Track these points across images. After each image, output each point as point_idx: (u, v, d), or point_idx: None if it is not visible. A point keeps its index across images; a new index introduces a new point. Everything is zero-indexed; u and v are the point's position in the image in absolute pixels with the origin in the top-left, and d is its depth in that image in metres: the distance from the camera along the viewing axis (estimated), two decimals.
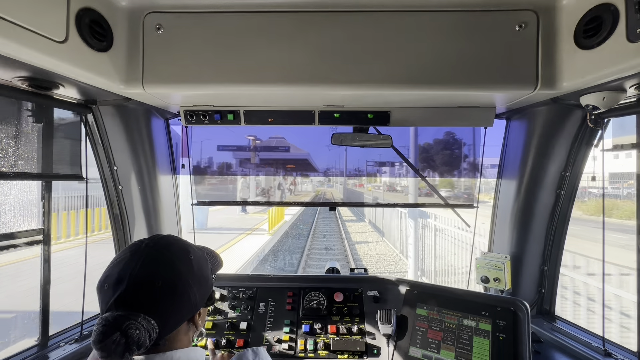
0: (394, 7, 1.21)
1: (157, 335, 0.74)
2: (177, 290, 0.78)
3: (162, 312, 0.75)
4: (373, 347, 1.49)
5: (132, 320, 0.69)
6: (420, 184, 7.17)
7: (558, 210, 1.62)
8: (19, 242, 1.33)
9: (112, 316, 0.70)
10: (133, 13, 1.24)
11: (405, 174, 16.77)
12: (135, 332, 0.69)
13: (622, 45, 0.96)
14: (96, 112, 1.51)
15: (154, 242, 0.83)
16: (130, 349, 0.69)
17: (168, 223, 1.83)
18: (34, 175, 1.33)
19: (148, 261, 0.78)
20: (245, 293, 1.68)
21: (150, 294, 0.75)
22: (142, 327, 0.70)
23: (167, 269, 0.79)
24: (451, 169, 8.02)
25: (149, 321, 0.72)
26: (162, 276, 0.77)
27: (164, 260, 0.80)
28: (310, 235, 14.48)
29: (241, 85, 1.27)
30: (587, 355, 1.36)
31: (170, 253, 0.82)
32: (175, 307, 0.78)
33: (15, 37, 0.87)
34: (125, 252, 0.81)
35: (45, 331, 1.41)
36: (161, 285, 0.76)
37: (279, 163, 16.22)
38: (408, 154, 6.61)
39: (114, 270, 0.77)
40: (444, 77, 1.23)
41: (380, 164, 17.07)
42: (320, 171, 21.34)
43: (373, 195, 22.20)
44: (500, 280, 1.57)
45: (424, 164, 8.00)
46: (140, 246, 0.81)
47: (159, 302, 0.75)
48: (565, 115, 1.44)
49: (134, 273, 0.75)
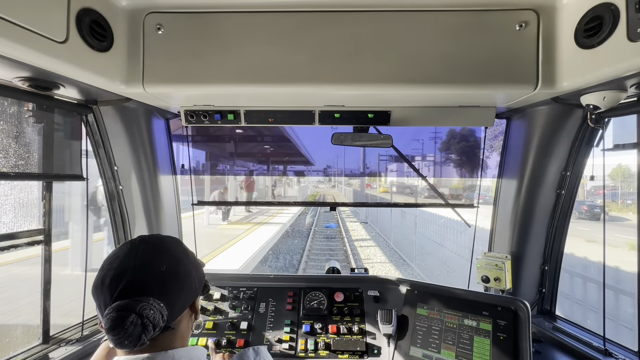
0: (394, 7, 1.21)
1: (166, 318, 0.76)
2: (180, 274, 0.82)
3: (169, 295, 0.78)
4: (374, 347, 1.49)
5: (144, 302, 0.72)
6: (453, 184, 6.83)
7: (558, 210, 1.61)
8: (20, 242, 1.33)
9: (123, 302, 0.71)
10: (133, 13, 1.24)
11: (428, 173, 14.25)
12: (150, 312, 0.71)
13: (623, 45, 0.96)
14: (96, 112, 1.51)
15: (147, 237, 0.86)
16: (146, 329, 0.71)
17: (168, 223, 1.83)
18: (34, 175, 1.33)
19: (148, 250, 0.81)
20: (246, 293, 1.68)
21: (157, 278, 0.77)
22: (155, 308, 0.73)
23: (168, 256, 0.82)
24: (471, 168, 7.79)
25: (158, 303, 0.74)
26: (165, 261, 0.80)
27: (163, 249, 0.83)
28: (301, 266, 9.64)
29: (241, 85, 1.27)
30: (588, 354, 1.36)
31: (165, 243, 0.86)
32: (180, 290, 0.81)
33: (15, 38, 0.87)
34: (120, 248, 0.82)
35: (46, 331, 1.42)
36: (165, 269, 0.79)
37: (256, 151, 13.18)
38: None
39: (112, 264, 0.78)
40: (444, 77, 1.23)
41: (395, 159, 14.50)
42: (313, 163, 17.16)
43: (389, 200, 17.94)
44: (500, 280, 1.57)
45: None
46: (134, 242, 0.83)
47: (165, 286, 0.78)
48: (565, 114, 1.44)
49: (137, 262, 0.77)
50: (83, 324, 1.53)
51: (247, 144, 14.36)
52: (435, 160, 14.65)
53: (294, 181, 20.42)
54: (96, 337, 1.53)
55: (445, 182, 13.82)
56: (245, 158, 14.90)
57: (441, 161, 14.22)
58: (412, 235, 10.29)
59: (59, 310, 1.53)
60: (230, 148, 14.22)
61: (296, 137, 15.12)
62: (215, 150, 14.35)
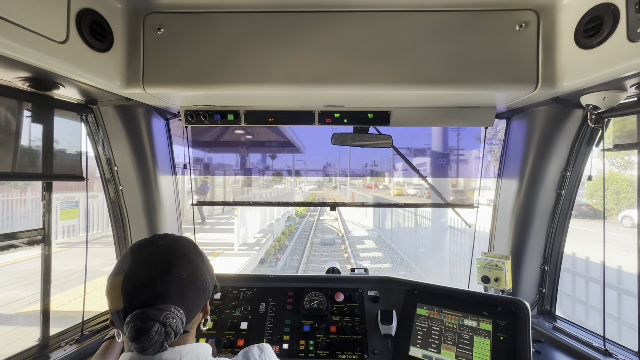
0: (394, 7, 1.21)
1: (185, 323, 0.78)
2: (198, 280, 0.83)
3: (188, 301, 0.80)
4: (374, 347, 1.49)
5: (167, 311, 0.73)
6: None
7: (559, 210, 1.62)
8: (19, 242, 1.33)
9: (147, 311, 0.72)
10: (133, 13, 1.25)
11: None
12: (173, 320, 0.74)
13: (623, 45, 0.96)
14: (96, 113, 1.51)
15: (168, 239, 0.86)
16: (169, 337, 0.73)
17: (168, 223, 1.83)
18: (34, 175, 1.33)
19: (169, 257, 0.81)
20: (246, 293, 1.68)
21: (178, 286, 0.79)
22: (176, 316, 0.75)
23: (187, 262, 0.83)
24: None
25: (179, 310, 0.76)
26: (184, 268, 0.81)
27: (182, 254, 0.84)
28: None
29: (241, 86, 1.27)
30: (588, 354, 1.36)
31: (183, 247, 0.86)
32: (197, 296, 0.83)
33: (16, 38, 0.87)
34: (141, 251, 0.82)
35: (46, 331, 1.42)
36: (185, 276, 0.80)
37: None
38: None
39: (138, 270, 0.78)
40: (445, 77, 1.23)
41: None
42: (302, 151, 12.01)
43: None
44: (500, 280, 1.57)
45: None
46: (156, 244, 0.83)
47: (185, 293, 0.79)
48: (565, 115, 1.44)
49: (158, 269, 0.78)
50: (83, 324, 1.53)
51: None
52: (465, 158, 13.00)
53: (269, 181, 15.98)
54: (96, 338, 1.53)
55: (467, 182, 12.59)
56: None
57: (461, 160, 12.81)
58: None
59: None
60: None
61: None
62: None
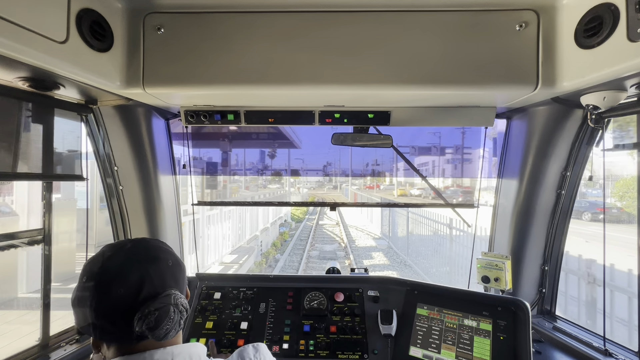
0: (394, 7, 1.21)
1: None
2: (180, 265, 0.87)
3: (180, 285, 0.83)
4: (374, 347, 1.49)
5: (173, 293, 0.77)
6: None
7: (559, 210, 1.62)
8: (20, 242, 1.33)
9: (157, 299, 0.75)
10: (133, 13, 1.25)
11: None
12: (182, 300, 0.79)
13: (623, 45, 0.96)
14: (97, 113, 1.51)
15: (134, 241, 0.85)
16: (182, 316, 0.78)
17: (168, 223, 1.83)
18: (34, 175, 1.33)
19: (149, 252, 0.82)
20: (246, 293, 1.68)
21: (169, 272, 0.82)
22: (181, 296, 0.79)
23: (165, 252, 0.85)
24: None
25: (178, 292, 0.80)
26: (167, 257, 0.84)
27: (157, 247, 0.86)
28: None
29: (241, 86, 1.27)
30: (588, 354, 1.36)
31: (153, 242, 0.88)
32: (184, 279, 0.87)
33: (16, 38, 0.87)
34: (117, 257, 0.78)
35: (46, 331, 1.42)
36: (172, 264, 0.83)
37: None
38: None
39: (125, 272, 0.75)
40: (445, 77, 1.23)
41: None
42: (298, 146, 10.09)
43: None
44: (500, 280, 1.57)
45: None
46: (128, 247, 0.81)
47: (177, 278, 0.83)
48: (565, 114, 1.44)
49: (148, 264, 0.79)
50: None
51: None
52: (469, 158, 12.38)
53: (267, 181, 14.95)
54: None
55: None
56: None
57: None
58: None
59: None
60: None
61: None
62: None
